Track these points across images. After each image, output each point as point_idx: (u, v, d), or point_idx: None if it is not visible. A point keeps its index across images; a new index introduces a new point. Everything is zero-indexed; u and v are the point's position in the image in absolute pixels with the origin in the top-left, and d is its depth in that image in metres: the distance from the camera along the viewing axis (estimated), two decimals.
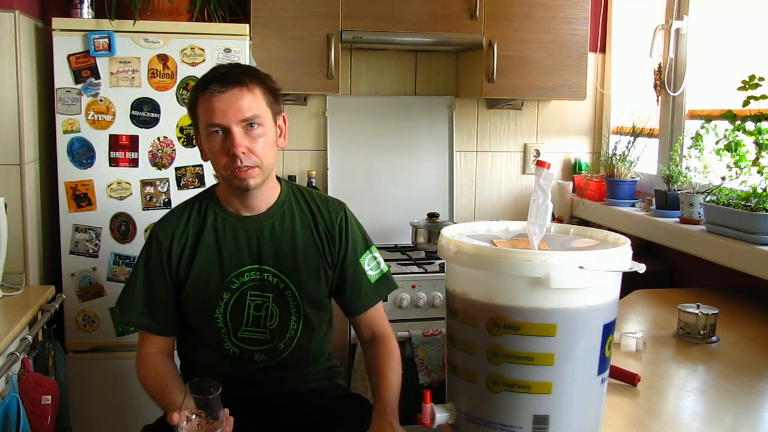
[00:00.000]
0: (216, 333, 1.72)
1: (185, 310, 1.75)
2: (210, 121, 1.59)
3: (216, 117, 1.58)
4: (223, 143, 1.60)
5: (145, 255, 1.75)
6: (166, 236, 1.72)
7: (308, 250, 1.74)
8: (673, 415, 1.50)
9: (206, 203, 1.75)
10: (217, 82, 1.59)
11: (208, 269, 1.70)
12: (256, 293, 1.71)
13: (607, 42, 3.44)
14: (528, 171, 3.45)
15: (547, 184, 1.25)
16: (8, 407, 1.80)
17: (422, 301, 2.78)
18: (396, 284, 1.88)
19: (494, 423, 1.19)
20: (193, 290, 1.71)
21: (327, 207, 1.79)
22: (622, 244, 1.25)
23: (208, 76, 1.63)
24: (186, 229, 1.72)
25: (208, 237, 1.71)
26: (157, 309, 1.73)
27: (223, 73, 1.61)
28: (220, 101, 1.58)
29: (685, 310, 1.91)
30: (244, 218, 1.73)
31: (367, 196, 3.19)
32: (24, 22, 2.37)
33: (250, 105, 1.60)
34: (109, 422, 2.56)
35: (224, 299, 1.70)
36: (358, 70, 3.23)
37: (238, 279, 1.71)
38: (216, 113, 1.58)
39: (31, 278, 2.40)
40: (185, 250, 1.71)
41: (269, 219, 1.73)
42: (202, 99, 1.61)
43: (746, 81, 2.16)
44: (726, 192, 2.32)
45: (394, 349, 1.77)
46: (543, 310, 1.15)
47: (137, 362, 1.75)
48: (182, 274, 1.71)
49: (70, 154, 2.45)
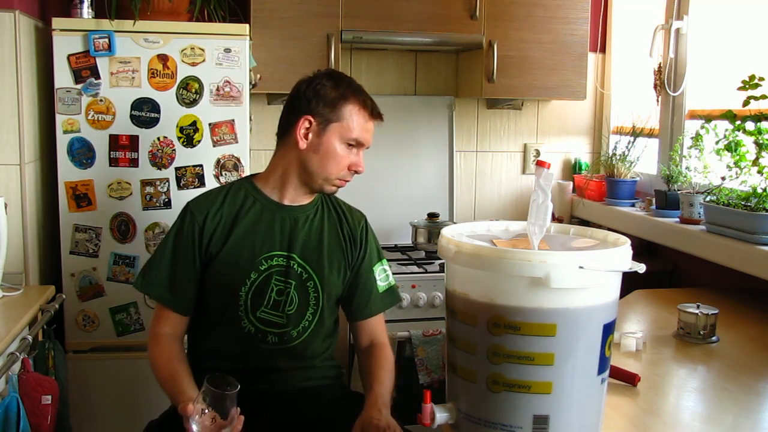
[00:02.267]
0: (235, 310, 1.76)
1: (208, 287, 1.78)
2: (361, 139, 1.77)
3: (366, 139, 1.79)
4: (350, 156, 1.78)
5: (176, 230, 1.80)
6: (201, 212, 1.78)
7: (333, 248, 1.83)
8: (673, 415, 1.50)
9: (245, 188, 1.83)
10: (376, 111, 1.81)
11: (241, 248, 1.77)
12: (280, 278, 1.78)
13: (607, 42, 3.44)
14: (528, 171, 3.45)
15: (547, 184, 1.25)
16: (8, 407, 1.80)
17: (422, 301, 2.78)
18: (401, 298, 2.02)
19: (494, 423, 1.19)
20: (222, 266, 1.76)
21: (351, 213, 1.92)
22: (622, 244, 1.25)
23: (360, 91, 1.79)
24: (221, 208, 1.79)
25: (246, 217, 1.79)
26: (180, 285, 1.77)
27: (373, 101, 1.82)
28: (372, 128, 1.81)
29: (685, 310, 1.91)
30: (283, 206, 1.81)
31: (367, 196, 3.19)
32: (24, 22, 2.37)
33: None
34: (109, 422, 2.55)
35: (251, 278, 1.76)
36: (358, 70, 3.23)
37: (267, 261, 1.77)
38: (368, 135, 1.80)
39: (31, 278, 2.40)
40: (219, 227, 1.77)
41: (304, 212, 1.83)
42: (360, 114, 1.77)
43: (746, 81, 2.16)
44: (726, 192, 2.32)
45: (389, 357, 1.86)
46: (543, 310, 1.15)
47: (150, 340, 1.78)
48: (213, 250, 1.77)
49: (70, 154, 2.45)
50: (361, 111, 1.77)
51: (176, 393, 1.62)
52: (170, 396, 1.65)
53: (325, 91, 1.75)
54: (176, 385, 1.64)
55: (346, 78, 1.81)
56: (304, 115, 1.74)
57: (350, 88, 1.78)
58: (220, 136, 2.52)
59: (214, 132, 2.52)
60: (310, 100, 1.75)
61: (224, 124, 2.52)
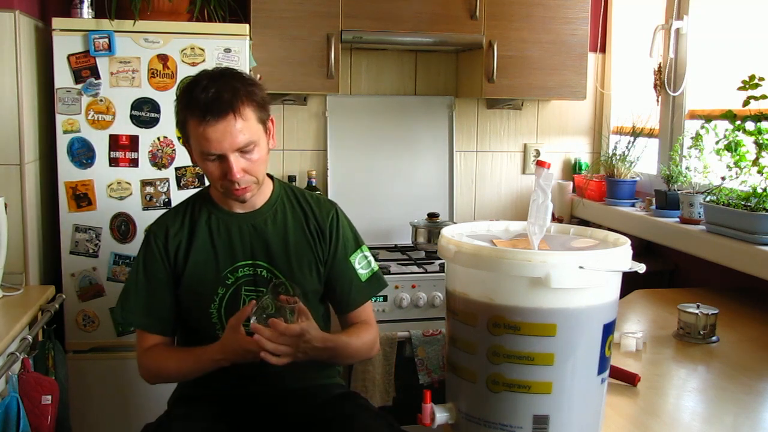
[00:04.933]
0: (211, 328, 1.74)
1: (182, 308, 1.77)
2: (205, 150, 1.60)
3: (212, 147, 1.59)
4: (219, 166, 1.63)
5: (143, 254, 1.78)
6: (161, 232, 1.76)
7: (300, 246, 1.78)
8: (673, 415, 1.50)
9: (200, 203, 1.80)
10: (209, 112, 1.57)
11: (204, 265, 1.74)
12: (250, 288, 1.74)
13: (607, 42, 3.44)
14: (528, 171, 3.45)
15: (547, 184, 1.25)
16: (8, 407, 1.80)
17: (422, 301, 2.78)
18: (386, 283, 1.92)
19: (494, 423, 1.19)
20: (189, 286, 1.74)
21: (319, 206, 1.83)
22: (622, 244, 1.25)
23: (196, 98, 1.58)
24: (181, 227, 1.77)
25: (203, 234, 1.75)
26: (157, 309, 1.76)
27: (213, 99, 1.57)
28: (215, 131, 1.57)
29: (685, 310, 1.91)
30: (238, 215, 1.77)
31: (367, 196, 3.19)
32: (24, 22, 2.37)
33: (243, 131, 1.60)
34: (109, 422, 2.56)
35: (219, 294, 1.73)
36: (358, 70, 3.23)
37: (232, 275, 1.74)
38: (211, 143, 1.59)
39: (31, 278, 2.40)
40: (180, 247, 1.75)
41: (262, 216, 1.77)
42: (193, 124, 1.60)
43: (746, 81, 2.16)
44: (726, 192, 2.32)
45: (371, 332, 1.82)
46: (543, 310, 1.15)
47: (139, 359, 1.77)
48: (179, 270, 1.75)
49: (70, 154, 2.45)
50: (193, 120, 1.59)
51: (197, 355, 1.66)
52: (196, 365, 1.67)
53: (176, 113, 1.69)
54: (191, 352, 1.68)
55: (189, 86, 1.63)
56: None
57: (184, 99, 1.63)
58: None
59: None
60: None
61: None
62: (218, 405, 1.73)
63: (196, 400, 1.75)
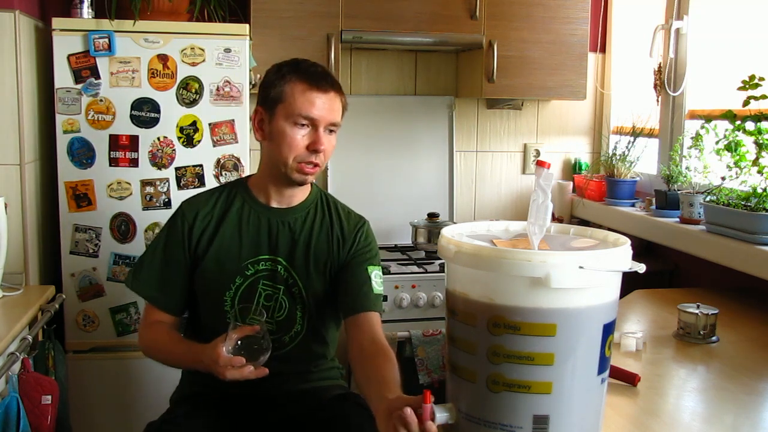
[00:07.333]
0: (222, 315, 1.72)
1: (197, 291, 1.77)
2: (307, 113, 1.66)
3: (314, 112, 1.66)
4: (307, 135, 1.68)
5: (168, 229, 1.79)
6: (192, 212, 1.77)
7: (320, 251, 1.78)
8: (673, 415, 1.50)
9: (236, 190, 1.81)
10: (322, 81, 1.68)
11: (227, 252, 1.74)
12: (268, 283, 1.75)
13: (607, 42, 3.44)
14: (528, 171, 3.45)
15: (547, 184, 1.25)
16: (8, 407, 1.80)
17: (422, 301, 2.78)
18: (384, 309, 1.93)
19: (494, 423, 1.19)
20: (207, 270, 1.74)
21: (348, 218, 1.84)
22: (622, 244, 1.25)
23: (307, 69, 1.69)
24: (213, 209, 1.78)
25: (232, 221, 1.76)
26: (169, 285, 1.76)
27: (324, 73, 1.70)
28: (320, 99, 1.67)
29: (685, 310, 1.91)
30: (270, 209, 1.78)
31: (367, 196, 3.19)
32: (24, 22, 2.37)
33: (338, 112, 1.71)
34: (109, 422, 2.56)
35: (237, 283, 1.74)
36: (358, 70, 3.23)
37: (253, 266, 1.75)
38: (315, 108, 1.66)
39: (31, 278, 2.40)
40: (207, 229, 1.76)
41: (293, 215, 1.78)
42: (301, 88, 1.66)
43: (746, 81, 2.16)
44: (726, 192, 2.32)
45: (395, 364, 1.58)
46: (543, 310, 1.15)
47: (141, 329, 1.79)
48: (200, 252, 1.75)
49: (70, 154, 2.45)
50: (302, 84, 1.66)
51: (184, 350, 1.66)
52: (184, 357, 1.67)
53: (269, 77, 1.72)
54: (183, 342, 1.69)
55: (295, 60, 1.73)
56: (256, 107, 1.74)
57: (291, 66, 1.70)
58: (220, 136, 2.52)
59: (214, 132, 2.52)
60: (260, 91, 1.74)
61: (224, 124, 2.52)
62: (220, 404, 1.74)
63: (198, 399, 1.75)
